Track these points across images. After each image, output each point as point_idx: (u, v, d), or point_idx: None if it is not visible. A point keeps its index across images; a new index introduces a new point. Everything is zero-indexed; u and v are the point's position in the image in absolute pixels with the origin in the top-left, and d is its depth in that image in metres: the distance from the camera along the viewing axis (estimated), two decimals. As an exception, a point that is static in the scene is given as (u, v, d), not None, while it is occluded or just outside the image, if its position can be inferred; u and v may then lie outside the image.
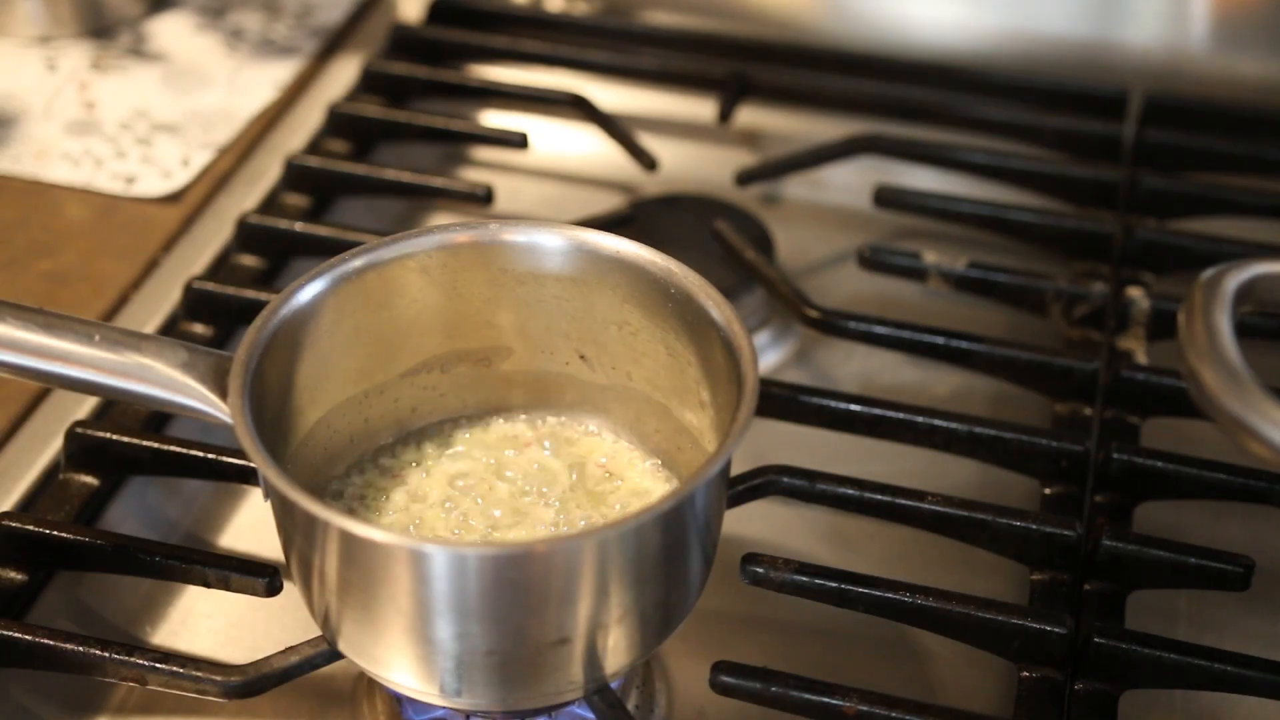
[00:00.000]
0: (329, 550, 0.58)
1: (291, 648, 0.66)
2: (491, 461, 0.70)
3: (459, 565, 0.56)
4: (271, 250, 0.93)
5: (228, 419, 0.60)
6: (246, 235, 0.93)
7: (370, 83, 1.07)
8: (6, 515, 0.74)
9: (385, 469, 0.70)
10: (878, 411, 0.80)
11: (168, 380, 0.63)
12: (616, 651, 0.60)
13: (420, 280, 0.68)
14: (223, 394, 0.61)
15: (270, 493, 0.60)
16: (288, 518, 0.60)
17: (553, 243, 0.68)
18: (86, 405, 0.82)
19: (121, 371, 0.63)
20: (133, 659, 0.67)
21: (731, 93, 1.06)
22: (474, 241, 0.68)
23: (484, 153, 1.07)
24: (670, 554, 0.60)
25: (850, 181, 1.03)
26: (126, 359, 0.63)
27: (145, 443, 0.77)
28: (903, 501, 0.75)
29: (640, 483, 0.69)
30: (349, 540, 0.57)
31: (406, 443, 0.71)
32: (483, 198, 0.96)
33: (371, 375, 0.70)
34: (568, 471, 0.70)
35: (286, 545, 0.62)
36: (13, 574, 0.72)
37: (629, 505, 0.68)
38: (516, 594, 0.57)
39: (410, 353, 0.70)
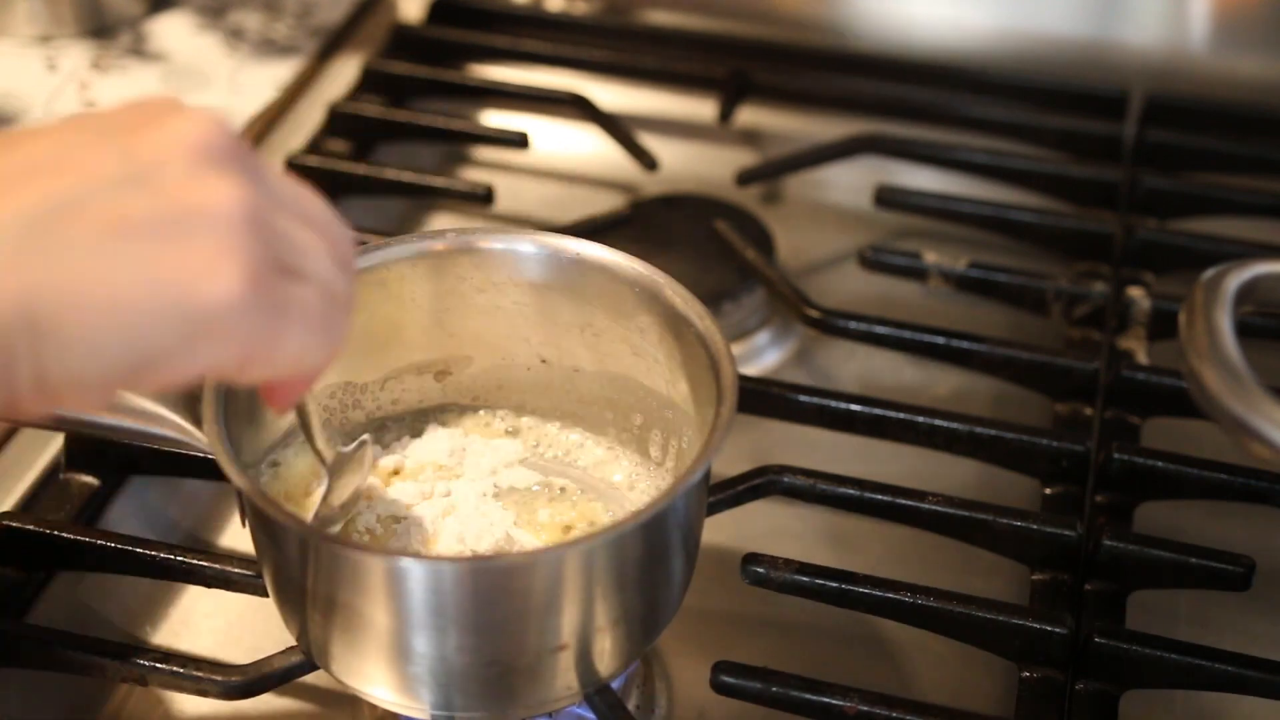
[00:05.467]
0: (309, 566, 0.57)
1: (291, 647, 0.66)
2: (461, 472, 0.69)
3: (436, 578, 0.55)
4: (271, 250, 0.92)
5: (205, 449, 0.59)
6: (246, 235, 0.92)
7: (370, 82, 1.07)
8: (7, 515, 0.73)
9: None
10: (878, 411, 0.80)
11: (139, 411, 0.62)
12: (603, 657, 0.60)
13: (379, 294, 0.67)
14: (196, 421, 0.60)
15: (250, 513, 0.59)
16: (268, 537, 0.60)
17: (511, 249, 0.67)
18: (86, 405, 0.82)
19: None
20: (133, 659, 0.67)
21: (731, 93, 1.06)
22: (432, 252, 0.67)
23: (484, 152, 1.07)
24: (653, 560, 0.59)
25: (850, 181, 1.03)
26: None
27: (146, 443, 0.77)
28: (903, 501, 0.75)
29: (609, 480, 0.69)
30: (327, 555, 0.56)
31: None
32: (483, 197, 0.96)
33: (341, 389, 0.69)
34: (538, 476, 0.69)
35: (266, 563, 0.62)
36: (13, 574, 0.72)
37: (598, 507, 0.68)
38: (496, 605, 0.56)
39: (380, 362, 0.70)
